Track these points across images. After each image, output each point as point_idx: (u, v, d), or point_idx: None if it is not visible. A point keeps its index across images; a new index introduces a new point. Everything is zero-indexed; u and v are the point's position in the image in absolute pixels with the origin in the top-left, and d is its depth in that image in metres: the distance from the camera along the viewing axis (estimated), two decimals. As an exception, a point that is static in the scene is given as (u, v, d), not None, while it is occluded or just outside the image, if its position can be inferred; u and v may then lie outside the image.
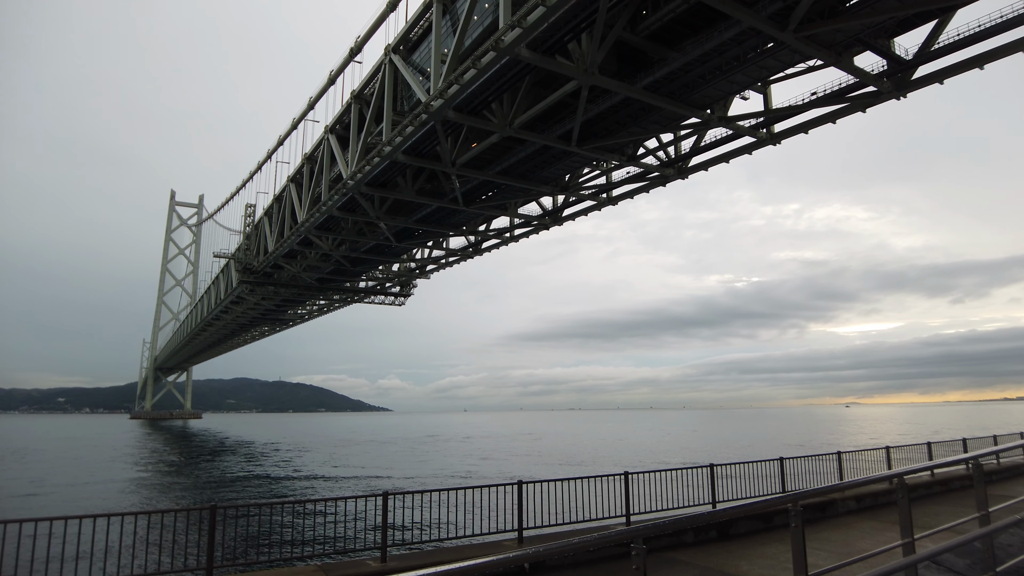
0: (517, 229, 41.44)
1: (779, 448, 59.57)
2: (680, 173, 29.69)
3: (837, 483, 12.80)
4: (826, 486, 11.48)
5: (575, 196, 34.86)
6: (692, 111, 23.54)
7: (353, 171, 31.15)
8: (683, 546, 10.09)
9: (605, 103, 23.36)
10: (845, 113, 23.41)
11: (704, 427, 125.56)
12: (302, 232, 41.63)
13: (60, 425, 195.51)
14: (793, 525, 4.07)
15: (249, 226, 57.01)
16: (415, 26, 26.88)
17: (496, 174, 30.49)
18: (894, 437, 72.89)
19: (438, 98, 22.91)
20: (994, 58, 19.37)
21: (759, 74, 21.82)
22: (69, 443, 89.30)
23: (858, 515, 12.37)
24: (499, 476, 38.90)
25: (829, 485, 12.50)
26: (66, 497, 33.24)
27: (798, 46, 18.97)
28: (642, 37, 21.08)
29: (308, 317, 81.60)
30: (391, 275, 58.16)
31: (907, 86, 21.36)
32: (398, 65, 27.38)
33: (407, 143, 27.11)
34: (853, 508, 12.75)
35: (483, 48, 19.71)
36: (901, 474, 4.85)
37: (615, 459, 53.81)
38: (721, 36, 19.15)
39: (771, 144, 26.03)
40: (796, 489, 13.09)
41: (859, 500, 12.90)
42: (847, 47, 20.14)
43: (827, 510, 12.35)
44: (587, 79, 20.54)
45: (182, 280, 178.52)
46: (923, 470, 12.69)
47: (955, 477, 15.29)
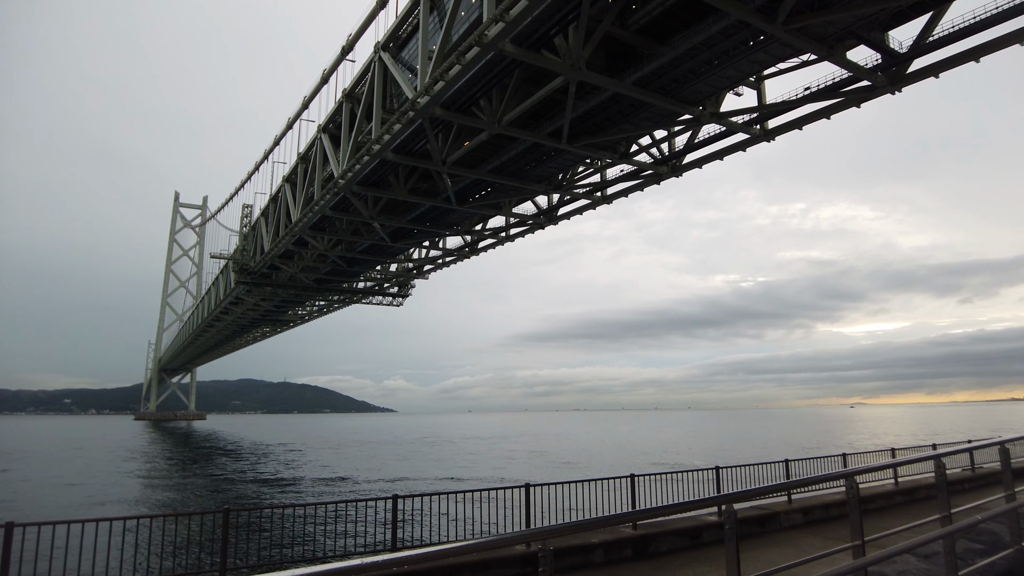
0: (513, 228, 41.15)
1: (761, 451, 58.99)
2: (674, 171, 29.31)
3: (774, 483, 11.75)
4: (764, 486, 10.10)
5: (569, 195, 34.51)
6: (683, 107, 23.15)
7: (344, 170, 30.91)
8: (590, 567, 8.66)
9: (594, 99, 23.00)
10: (839, 108, 22.99)
11: (703, 428, 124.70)
12: (296, 232, 41.45)
13: (63, 426, 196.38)
14: (727, 527, 3.61)
15: (246, 227, 56.94)
16: (404, 23, 26.62)
17: (488, 172, 30.17)
18: (886, 440, 72.12)
19: (424, 95, 22.63)
20: (990, 50, 18.94)
21: (750, 68, 21.41)
22: (64, 445, 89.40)
23: (804, 530, 11.04)
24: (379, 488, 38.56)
25: (767, 485, 10.96)
26: (32, 501, 32.77)
27: (788, 39, 18.58)
28: (631, 32, 20.75)
29: (308, 318, 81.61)
30: (389, 275, 57.98)
31: (902, 80, 20.92)
32: (387, 63, 27.13)
33: (396, 141, 26.85)
34: (799, 522, 11.41)
35: (466, 43, 19.40)
36: (852, 473, 4.41)
37: (569, 463, 52.60)
38: (709, 30, 18.76)
39: (765, 140, 25.62)
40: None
41: (806, 513, 11.58)
42: (839, 40, 19.71)
43: (768, 524, 11.01)
44: (574, 74, 20.19)
45: (186, 281, 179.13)
46: (870, 470, 11.51)
47: (924, 485, 13.74)
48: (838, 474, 4.75)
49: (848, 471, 4.59)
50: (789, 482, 6.44)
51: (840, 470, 5.30)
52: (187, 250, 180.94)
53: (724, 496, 3.99)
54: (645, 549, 9.36)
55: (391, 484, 38.39)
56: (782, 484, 5.53)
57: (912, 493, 13.12)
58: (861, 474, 5.01)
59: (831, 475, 5.29)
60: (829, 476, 5.45)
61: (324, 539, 15.58)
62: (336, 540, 14.71)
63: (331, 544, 14.84)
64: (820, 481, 6.26)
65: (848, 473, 4.47)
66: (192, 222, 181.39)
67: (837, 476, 4.93)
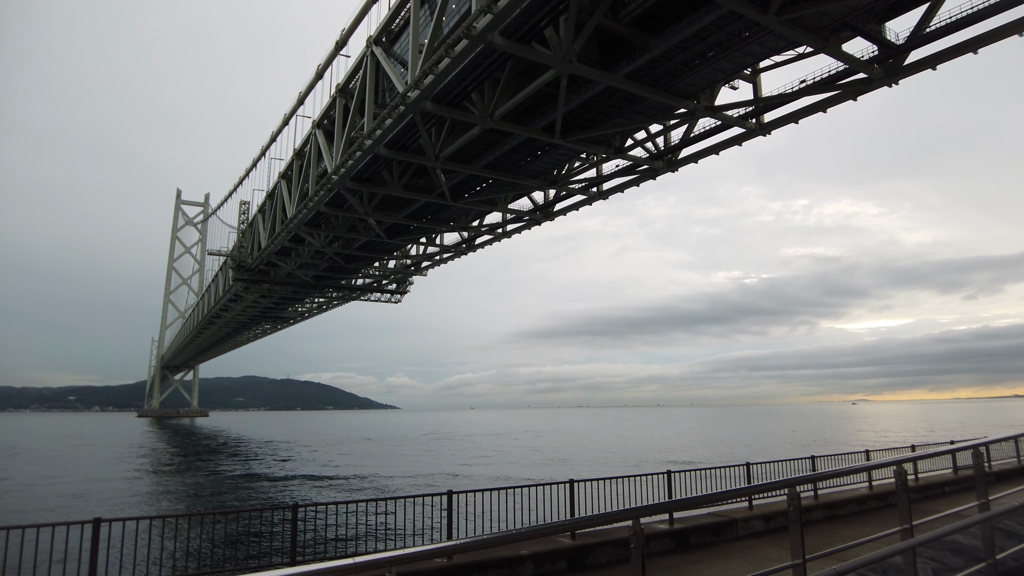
0: (509, 224, 40.90)
1: (742, 450, 58.50)
2: (670, 166, 29.01)
3: (689, 497, 10.39)
4: (667, 501, 9.17)
5: (565, 190, 34.20)
6: (677, 100, 22.83)
7: (336, 165, 30.68)
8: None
9: (587, 93, 22.70)
10: (836, 101, 22.65)
11: (701, 426, 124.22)
12: (292, 229, 41.25)
13: (65, 423, 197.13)
14: (632, 545, 3.22)
15: (244, 224, 56.79)
16: (396, 16, 26.34)
17: (482, 168, 29.91)
18: (876, 438, 71.50)
19: (414, 89, 22.36)
20: (988, 42, 18.59)
21: (744, 61, 21.08)
22: (66, 441, 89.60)
23: (764, 539, 10.16)
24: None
25: (680, 499, 9.77)
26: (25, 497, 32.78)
27: (782, 30, 18.25)
28: (624, 24, 20.42)
29: (308, 315, 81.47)
30: (387, 272, 57.77)
31: (899, 72, 20.57)
32: (379, 57, 26.86)
33: (388, 136, 26.61)
34: (759, 530, 10.50)
35: (454, 35, 19.14)
36: (795, 482, 4.06)
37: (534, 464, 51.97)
38: (701, 21, 18.45)
39: (761, 135, 25.29)
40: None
41: (768, 520, 10.68)
42: (834, 31, 19.38)
43: (723, 532, 10.17)
44: (565, 67, 19.90)
45: (188, 279, 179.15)
46: (822, 478, 10.26)
47: (893, 491, 13.11)
48: (782, 483, 4.33)
49: (792, 479, 4.15)
50: (722, 492, 5.72)
51: (783, 479, 4.88)
52: (189, 247, 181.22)
53: (647, 507, 3.62)
54: (582, 561, 8.64)
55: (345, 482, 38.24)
56: (708, 495, 4.79)
57: (887, 498, 12.33)
58: (805, 483, 4.67)
59: (775, 483, 4.88)
60: (773, 484, 4.92)
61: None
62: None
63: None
64: (763, 490, 5.69)
65: (792, 482, 4.08)
66: (194, 219, 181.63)
67: (780, 485, 4.48)
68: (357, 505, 9.35)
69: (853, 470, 7.98)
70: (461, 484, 34.30)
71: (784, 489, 4.27)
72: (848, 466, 11.52)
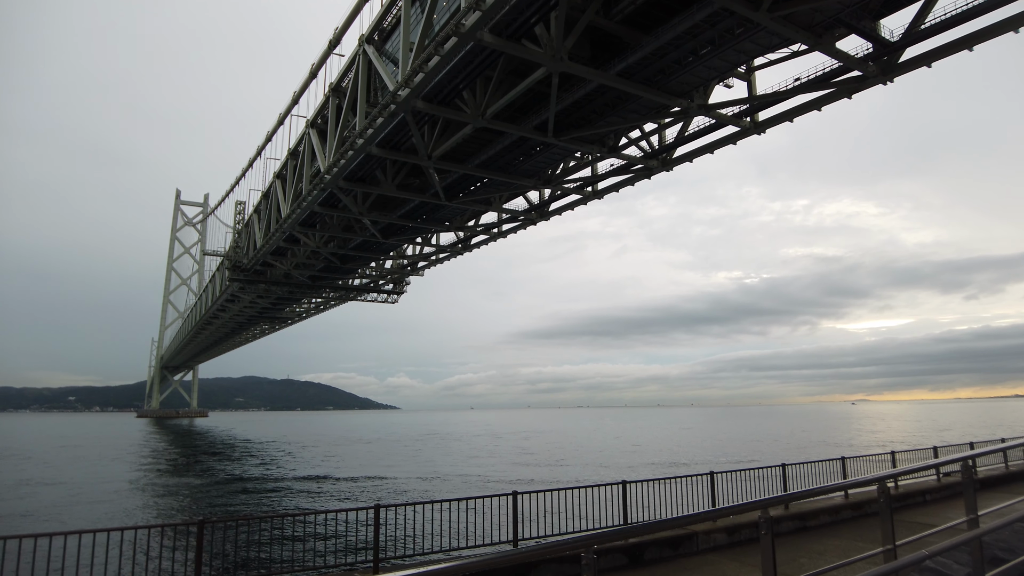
0: (505, 224, 40.67)
1: (727, 452, 57.94)
2: (664, 165, 28.78)
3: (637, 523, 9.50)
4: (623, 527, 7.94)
5: (560, 189, 33.97)
6: (670, 99, 22.60)
7: (329, 164, 30.47)
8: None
9: (579, 91, 22.48)
10: (831, 99, 22.39)
11: (696, 426, 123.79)
12: (286, 229, 41.06)
13: (64, 424, 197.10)
14: (585, 562, 3.00)
15: (240, 223, 56.58)
16: (387, 14, 26.13)
17: (476, 167, 29.69)
18: (864, 439, 71.06)
19: (404, 87, 22.14)
20: (983, 39, 18.35)
21: (737, 58, 20.84)
22: (62, 442, 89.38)
23: (725, 553, 9.58)
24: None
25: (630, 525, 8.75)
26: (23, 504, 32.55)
27: (774, 27, 18.02)
28: (616, 22, 20.18)
29: (305, 315, 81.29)
30: (384, 272, 57.56)
31: (893, 70, 20.33)
32: (371, 56, 26.66)
33: (380, 135, 26.40)
34: (722, 543, 9.96)
35: (443, 33, 18.92)
36: (765, 504, 3.84)
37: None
38: (693, 18, 18.21)
39: (756, 133, 25.05)
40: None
41: (731, 532, 10.09)
42: (827, 28, 19.16)
43: (681, 546, 9.60)
44: (556, 65, 19.68)
45: (188, 279, 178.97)
46: (791, 499, 9.05)
47: (875, 499, 12.36)
48: (752, 504, 4.09)
49: (761, 501, 3.92)
50: (683, 517, 5.19)
51: (753, 500, 4.48)
52: (188, 248, 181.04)
53: (594, 535, 3.32)
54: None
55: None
56: (665, 521, 4.25)
57: (863, 507, 11.85)
58: (778, 504, 4.40)
59: (743, 506, 4.64)
60: (742, 507, 4.63)
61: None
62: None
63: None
64: (729, 513, 5.18)
65: (763, 504, 3.87)
66: (193, 220, 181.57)
67: (751, 507, 4.22)
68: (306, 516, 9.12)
69: (829, 489, 7.44)
70: (412, 492, 33.68)
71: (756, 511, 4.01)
72: (823, 485, 10.70)
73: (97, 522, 25.15)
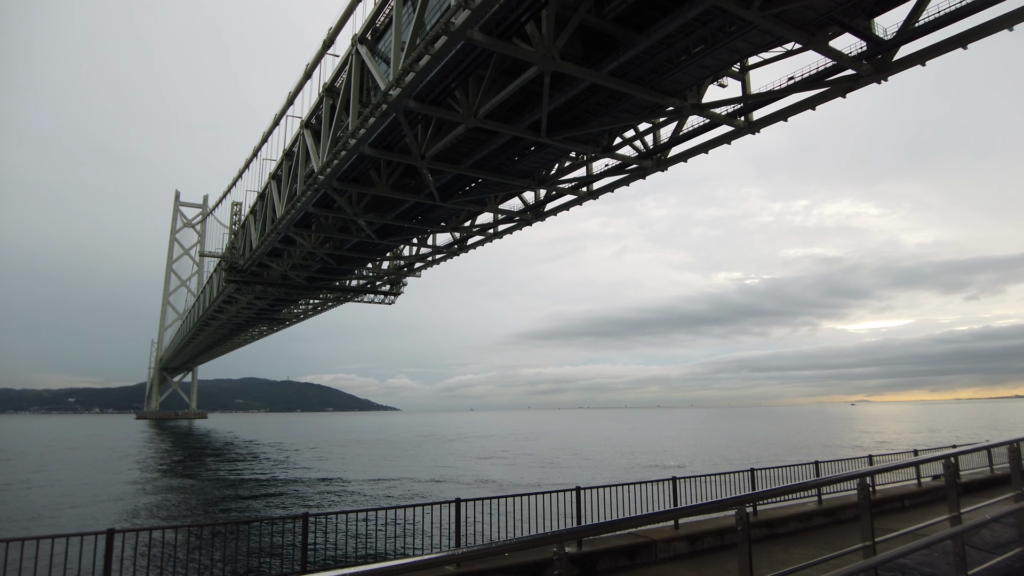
0: (500, 225, 40.54)
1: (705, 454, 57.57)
2: (659, 165, 28.64)
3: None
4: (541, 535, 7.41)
5: (555, 190, 33.84)
6: (663, 98, 22.45)
7: (322, 165, 30.33)
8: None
9: (572, 91, 22.32)
10: (825, 99, 22.25)
11: (691, 427, 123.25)
12: (281, 230, 40.91)
13: (61, 426, 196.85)
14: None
15: (236, 225, 56.44)
16: (380, 13, 26.00)
17: (469, 167, 29.53)
18: (852, 440, 70.78)
19: (395, 87, 21.99)
20: (978, 36, 18.21)
21: (730, 57, 20.67)
22: (60, 444, 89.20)
23: (685, 563, 9.10)
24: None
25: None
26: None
27: (767, 25, 17.88)
28: (608, 20, 20.06)
29: (303, 317, 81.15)
30: (381, 273, 57.42)
31: (887, 68, 20.19)
32: (364, 56, 26.52)
33: (372, 135, 26.27)
34: (682, 552, 9.42)
35: (433, 31, 18.78)
36: (743, 501, 3.66)
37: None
38: (684, 16, 18.06)
39: (750, 133, 24.91)
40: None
41: (692, 541, 9.53)
42: (820, 27, 19.01)
43: (638, 555, 9.07)
44: (547, 64, 19.53)
45: (187, 280, 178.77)
46: (758, 497, 8.89)
47: (850, 504, 11.37)
48: (725, 501, 3.90)
49: (738, 497, 3.70)
50: (636, 517, 4.91)
51: (729, 497, 4.26)
52: (188, 249, 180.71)
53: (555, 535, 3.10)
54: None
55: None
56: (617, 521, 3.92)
57: (836, 513, 11.33)
58: (750, 502, 4.19)
59: (713, 503, 4.45)
60: (708, 505, 4.42)
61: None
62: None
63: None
64: (661, 519, 4.69)
65: (738, 500, 3.67)
66: (193, 221, 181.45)
67: (726, 504, 4.04)
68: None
69: (791, 489, 7.02)
70: (366, 497, 33.39)
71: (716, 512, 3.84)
72: (788, 485, 9.99)
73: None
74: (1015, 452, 5.59)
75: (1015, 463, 5.72)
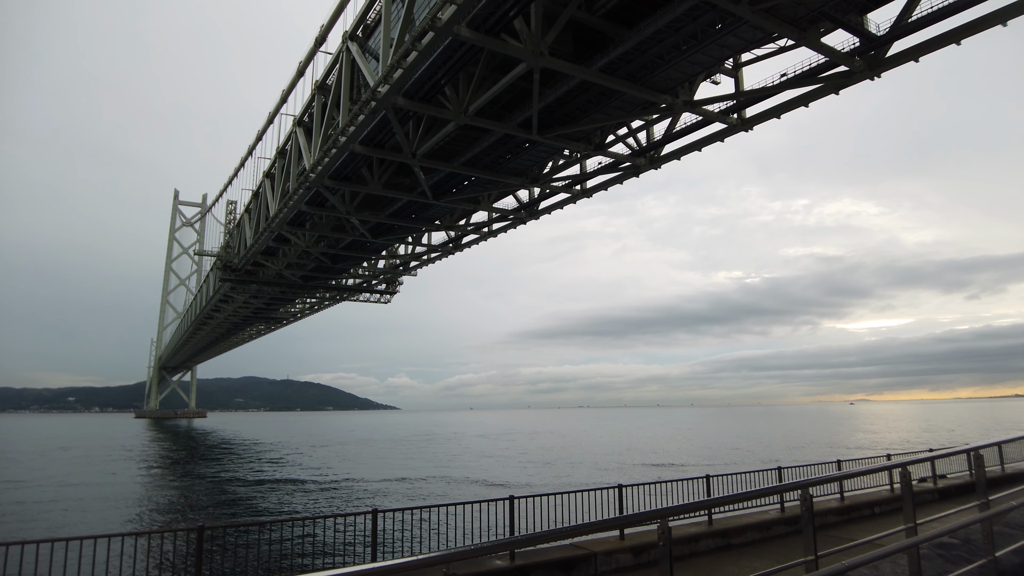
0: (495, 223, 40.33)
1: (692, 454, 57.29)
2: (652, 163, 28.43)
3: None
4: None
5: (548, 188, 33.62)
6: (654, 95, 22.24)
7: (313, 163, 30.13)
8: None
9: (562, 87, 22.12)
10: (818, 95, 22.03)
11: (687, 427, 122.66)
12: (274, 228, 40.71)
13: (59, 424, 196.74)
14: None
15: (231, 223, 56.25)
16: (370, 9, 25.81)
17: (462, 165, 29.34)
18: (841, 440, 70.33)
19: (384, 83, 21.80)
20: (972, 32, 17.99)
21: (721, 53, 20.47)
22: (54, 444, 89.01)
23: (630, 575, 8.66)
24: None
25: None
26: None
27: (757, 21, 17.67)
28: (599, 17, 19.87)
29: (300, 316, 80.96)
30: (376, 272, 57.21)
31: (880, 64, 19.99)
32: (354, 53, 26.30)
33: (363, 132, 26.07)
34: (626, 564, 8.91)
35: (419, 27, 18.57)
36: (665, 513, 3.36)
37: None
38: (674, 11, 17.86)
39: (743, 130, 24.71)
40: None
41: (638, 552, 9.01)
42: (812, 22, 18.81)
43: (576, 568, 8.60)
44: (536, 60, 19.32)
45: (186, 279, 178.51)
46: (686, 509, 8.01)
47: (828, 510, 11.02)
48: (649, 513, 3.61)
49: (662, 511, 3.43)
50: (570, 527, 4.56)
51: (654, 509, 4.08)
52: (187, 248, 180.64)
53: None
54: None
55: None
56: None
57: (796, 523, 10.72)
58: (674, 515, 3.85)
59: (639, 515, 4.14)
60: (635, 517, 4.02)
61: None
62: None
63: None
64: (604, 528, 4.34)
65: (660, 513, 3.40)
66: (192, 220, 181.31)
67: (650, 516, 3.72)
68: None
69: (717, 501, 6.38)
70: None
71: (655, 522, 3.56)
72: (709, 498, 9.46)
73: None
74: (979, 460, 5.36)
75: (975, 471, 5.47)
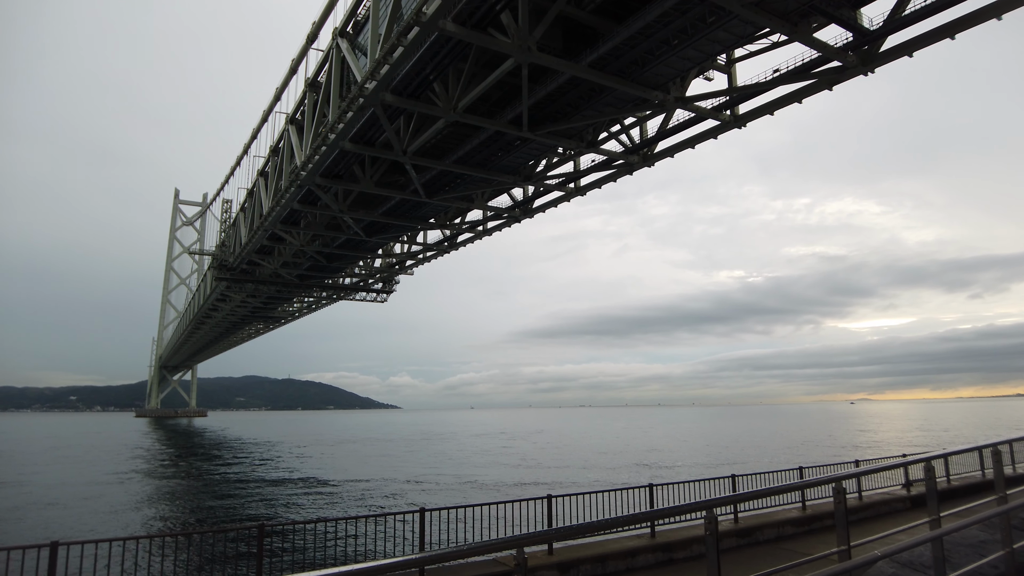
0: (489, 222, 40.08)
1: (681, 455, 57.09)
2: (645, 160, 28.14)
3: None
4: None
5: (542, 186, 33.36)
6: (645, 91, 21.95)
7: (303, 161, 29.89)
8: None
9: (552, 84, 21.85)
10: (811, 91, 21.73)
11: (683, 427, 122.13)
12: (268, 227, 40.49)
13: (59, 424, 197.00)
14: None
15: (227, 222, 56.07)
16: (359, 5, 25.53)
17: (453, 163, 29.06)
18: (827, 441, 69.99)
19: (371, 79, 21.54)
20: (966, 26, 17.68)
21: (711, 48, 20.18)
22: (54, 443, 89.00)
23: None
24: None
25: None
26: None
27: (747, 15, 17.38)
28: (588, 11, 19.59)
29: (298, 315, 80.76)
30: (372, 271, 57.01)
31: (874, 59, 19.67)
32: (343, 49, 26.05)
33: (352, 130, 25.83)
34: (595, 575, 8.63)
35: (405, 22, 18.31)
36: (652, 517, 3.12)
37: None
38: (663, 5, 17.58)
39: (736, 127, 24.40)
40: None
41: (603, 561, 8.69)
42: (803, 16, 18.49)
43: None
44: (524, 56, 19.04)
45: (187, 279, 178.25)
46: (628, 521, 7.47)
47: (825, 513, 10.72)
48: (593, 525, 3.39)
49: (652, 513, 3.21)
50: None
51: (597, 520, 3.84)
52: (188, 247, 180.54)
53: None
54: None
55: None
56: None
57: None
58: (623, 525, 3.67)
59: (585, 525, 3.93)
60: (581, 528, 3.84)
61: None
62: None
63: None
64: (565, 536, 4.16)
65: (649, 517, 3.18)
66: (192, 219, 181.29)
67: (594, 527, 3.52)
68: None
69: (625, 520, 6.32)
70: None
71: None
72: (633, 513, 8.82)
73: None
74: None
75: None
